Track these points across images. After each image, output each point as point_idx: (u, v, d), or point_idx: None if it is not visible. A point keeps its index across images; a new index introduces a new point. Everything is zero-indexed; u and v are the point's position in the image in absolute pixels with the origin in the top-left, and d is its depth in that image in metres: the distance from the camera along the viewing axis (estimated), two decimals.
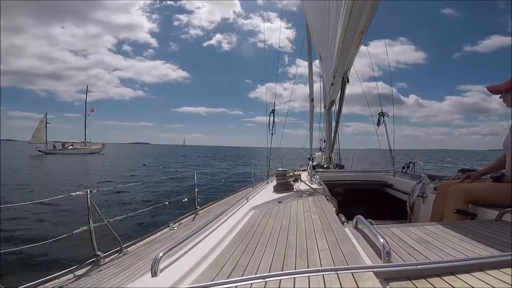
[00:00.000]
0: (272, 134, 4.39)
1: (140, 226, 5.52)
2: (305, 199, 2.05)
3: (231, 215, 1.71)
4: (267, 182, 3.07)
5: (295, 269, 0.86)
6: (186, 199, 5.25)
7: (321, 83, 6.18)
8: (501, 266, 0.83)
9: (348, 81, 2.90)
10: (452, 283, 0.74)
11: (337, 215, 1.57)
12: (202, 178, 12.67)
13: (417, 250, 1.01)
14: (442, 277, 0.77)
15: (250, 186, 4.91)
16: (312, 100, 7.99)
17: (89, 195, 2.49)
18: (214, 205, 4.39)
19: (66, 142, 39.85)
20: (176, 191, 9.59)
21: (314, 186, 2.40)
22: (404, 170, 3.09)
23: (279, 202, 2.05)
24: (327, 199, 2.00)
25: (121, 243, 2.69)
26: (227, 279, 0.83)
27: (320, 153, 5.93)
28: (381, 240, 0.92)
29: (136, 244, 2.85)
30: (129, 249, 2.73)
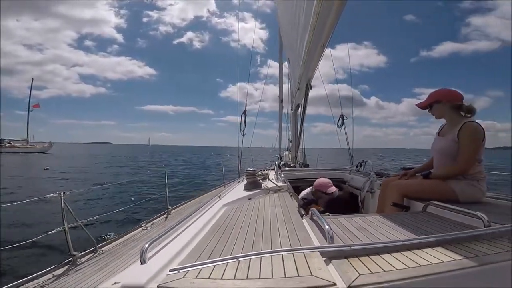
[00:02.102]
0: (243, 135, 4.53)
1: (113, 227, 5.62)
2: (272, 195, 2.24)
3: (205, 212, 1.83)
4: (239, 181, 3.24)
5: (261, 250, 1.04)
6: (153, 200, 5.26)
7: (289, 84, 6.49)
8: (414, 248, 1.04)
9: (310, 88, 3.19)
10: (376, 261, 0.95)
11: (300, 208, 1.79)
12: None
13: (355, 235, 1.26)
14: (369, 256, 0.98)
15: (222, 185, 5.04)
16: (281, 101, 8.34)
17: (62, 197, 2.55)
18: (186, 204, 4.44)
19: (3, 140, 35.68)
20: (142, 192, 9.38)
21: (280, 184, 2.60)
22: (357, 168, 3.45)
23: (249, 199, 2.22)
24: (291, 195, 2.23)
25: (95, 243, 2.78)
26: (207, 260, 0.98)
27: (287, 153, 6.25)
28: (327, 227, 1.15)
29: (111, 244, 2.94)
30: (103, 248, 2.81)
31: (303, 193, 2.92)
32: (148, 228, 3.32)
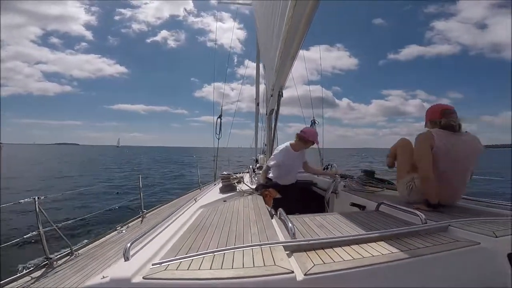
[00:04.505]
0: (218, 139, 4.58)
1: (87, 230, 5.62)
2: (246, 197, 2.39)
3: (182, 213, 1.93)
4: (214, 184, 3.36)
5: (234, 245, 1.19)
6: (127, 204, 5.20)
7: (265, 86, 6.66)
8: (361, 242, 1.24)
9: (282, 95, 3.41)
10: (329, 253, 1.13)
11: (273, 209, 1.94)
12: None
13: (315, 232, 1.46)
14: (324, 249, 1.17)
15: (198, 189, 5.11)
16: (257, 104, 8.52)
17: (36, 201, 2.58)
18: (161, 208, 4.45)
19: None
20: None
21: (254, 186, 2.77)
22: (324, 170, 3.71)
23: (224, 201, 2.34)
24: (263, 196, 2.41)
25: (71, 246, 2.82)
26: (186, 254, 1.11)
27: (263, 156, 6.43)
28: (290, 225, 1.36)
29: (86, 247, 2.98)
30: (80, 251, 2.84)
31: (281, 146, 3.01)
32: (123, 231, 3.34)
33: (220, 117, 4.82)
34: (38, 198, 2.61)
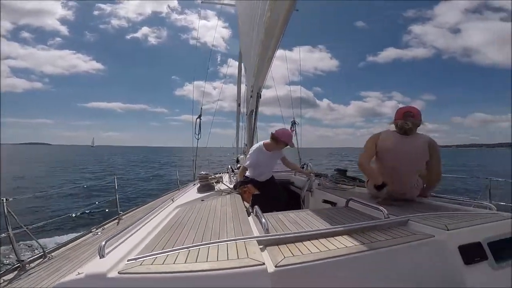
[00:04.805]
0: (197, 139, 4.52)
1: (60, 232, 5.41)
2: (224, 197, 2.41)
3: (159, 213, 1.92)
4: (193, 185, 3.36)
5: (210, 241, 1.23)
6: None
7: (245, 87, 6.68)
8: (328, 236, 1.32)
9: (260, 97, 3.49)
10: (299, 247, 1.20)
11: (251, 206, 1.99)
12: None
13: (287, 227, 1.54)
14: (295, 243, 1.24)
15: (177, 189, 5.05)
16: (238, 105, 8.54)
17: (5, 203, 2.50)
18: (138, 209, 4.36)
19: None
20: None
21: (232, 186, 2.80)
22: (301, 169, 3.84)
23: (202, 200, 2.35)
24: (241, 195, 2.44)
25: (44, 249, 2.73)
26: (161, 250, 1.12)
27: (243, 156, 6.46)
28: (263, 220, 1.43)
29: (60, 249, 2.89)
30: (53, 254, 2.76)
31: (256, 145, 3.05)
32: (99, 233, 3.25)
33: (199, 117, 4.75)
34: (6, 199, 2.51)
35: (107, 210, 4.54)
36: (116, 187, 4.16)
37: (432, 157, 2.04)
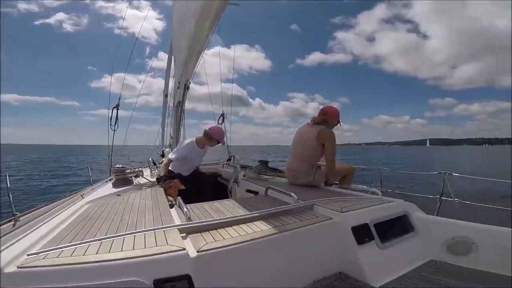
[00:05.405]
0: (114, 131, 4.00)
1: None
2: (144, 190, 2.24)
3: (66, 209, 1.67)
4: (107, 180, 3.02)
5: (125, 232, 1.15)
6: None
7: (174, 79, 6.33)
8: (247, 221, 1.42)
9: (188, 88, 3.39)
10: (221, 232, 1.27)
11: (173, 200, 1.93)
12: None
13: (211, 215, 1.58)
14: (217, 230, 1.30)
15: (88, 186, 4.38)
16: (166, 96, 8.00)
17: None
18: (41, 209, 3.60)
19: None
20: None
21: (154, 179, 2.62)
22: (228, 162, 3.94)
23: (117, 195, 2.14)
24: (164, 189, 2.30)
25: None
26: (69, 243, 1.00)
27: (168, 149, 6.09)
28: (185, 209, 1.45)
29: None
30: None
31: (186, 141, 3.02)
32: None
33: (117, 106, 4.18)
34: None
35: None
36: (9, 185, 3.30)
37: (324, 145, 2.43)
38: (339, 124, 2.61)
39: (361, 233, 1.48)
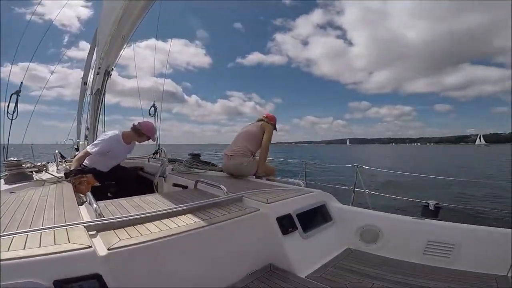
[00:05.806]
0: (11, 120, 3.26)
1: None
2: (47, 187, 1.95)
3: None
4: None
5: (15, 231, 1.00)
6: None
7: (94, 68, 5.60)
8: (172, 215, 1.32)
9: (110, 75, 3.07)
10: (139, 229, 1.16)
11: (82, 196, 1.72)
12: None
13: (128, 211, 1.44)
14: (134, 226, 1.19)
15: None
16: (85, 83, 7.01)
17: None
18: None
19: None
20: None
21: (61, 174, 2.30)
22: (154, 155, 3.68)
23: (11, 192, 1.81)
24: (74, 185, 2.06)
25: None
26: None
27: (84, 142, 5.33)
28: (94, 206, 1.30)
29: None
30: None
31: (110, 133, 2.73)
32: None
33: (17, 93, 3.42)
34: None
35: None
36: None
37: (264, 134, 2.84)
38: (275, 129, 3.04)
39: (285, 224, 1.51)
